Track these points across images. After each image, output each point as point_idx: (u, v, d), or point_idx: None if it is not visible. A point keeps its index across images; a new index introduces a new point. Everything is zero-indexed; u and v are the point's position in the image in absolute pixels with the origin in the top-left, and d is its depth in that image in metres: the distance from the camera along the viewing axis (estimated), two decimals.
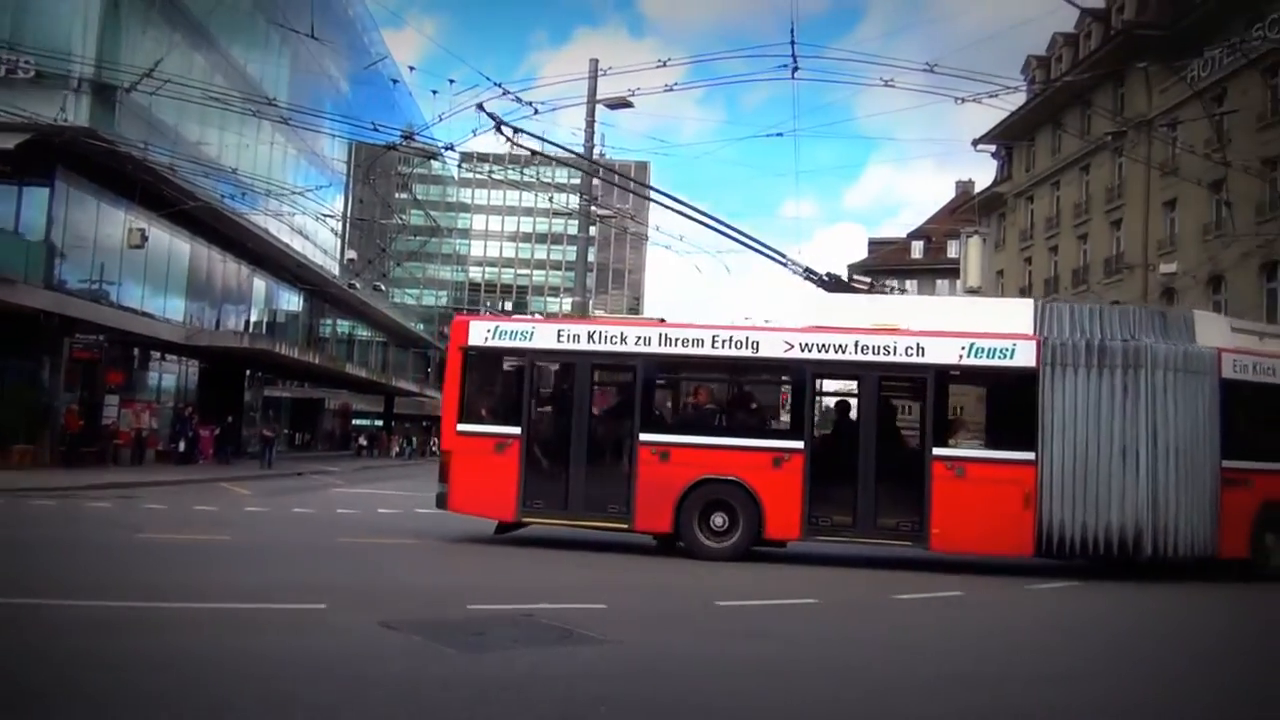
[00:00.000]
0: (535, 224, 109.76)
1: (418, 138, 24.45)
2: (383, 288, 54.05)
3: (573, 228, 74.16)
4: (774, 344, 13.18)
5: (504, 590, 9.93)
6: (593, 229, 31.75)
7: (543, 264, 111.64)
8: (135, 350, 34.01)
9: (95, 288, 30.23)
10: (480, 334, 13.89)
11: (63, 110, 25.65)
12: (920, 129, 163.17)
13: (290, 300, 49.80)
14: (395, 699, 5.60)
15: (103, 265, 30.52)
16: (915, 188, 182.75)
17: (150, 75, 21.08)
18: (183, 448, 33.30)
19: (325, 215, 37.89)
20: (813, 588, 11.00)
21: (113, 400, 30.77)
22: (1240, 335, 13.69)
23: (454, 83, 17.51)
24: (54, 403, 27.82)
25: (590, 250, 47.68)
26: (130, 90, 23.50)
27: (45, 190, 27.68)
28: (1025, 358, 12.64)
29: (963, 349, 12.76)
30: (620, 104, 20.31)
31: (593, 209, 25.66)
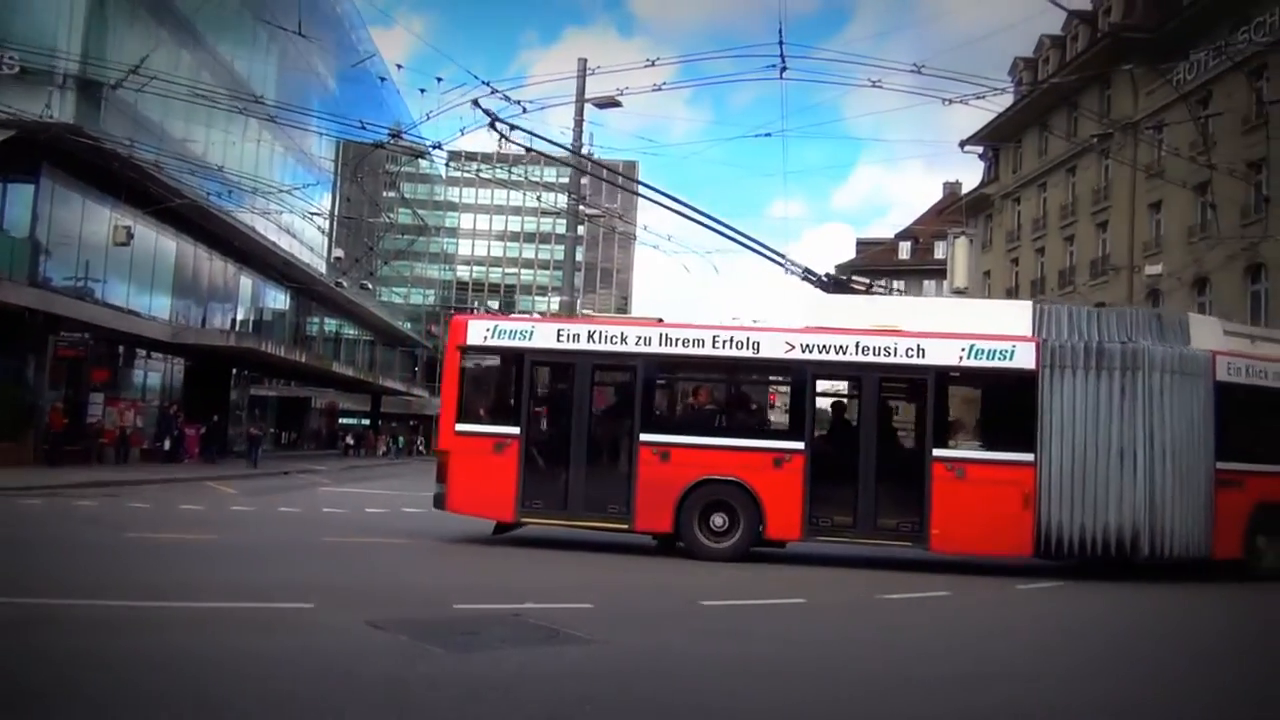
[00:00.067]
0: (523, 223, 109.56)
1: (405, 136, 24.37)
2: (370, 286, 53.85)
3: (561, 227, 74.10)
4: (775, 344, 13.17)
5: (491, 590, 9.92)
6: (581, 228, 31.75)
7: (531, 263, 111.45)
8: (120, 348, 33.84)
9: (80, 285, 30.08)
10: (479, 333, 13.83)
11: (48, 107, 25.48)
12: (908, 130, 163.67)
13: (277, 298, 49.64)
14: (382, 698, 5.59)
15: (88, 263, 30.36)
16: (904, 188, 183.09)
17: (136, 72, 20.94)
18: (168, 446, 33.18)
19: (312, 213, 37.81)
20: (801, 588, 11.02)
21: (97, 398, 30.62)
22: (1233, 338, 13.85)
23: (442, 81, 17.50)
24: (38, 401, 27.68)
25: (578, 249, 47.72)
26: (116, 87, 23.37)
27: (30, 187, 27.54)
28: (1025, 359, 12.71)
29: (963, 350, 12.81)
30: (609, 103, 20.29)
31: (581, 208, 25.66)
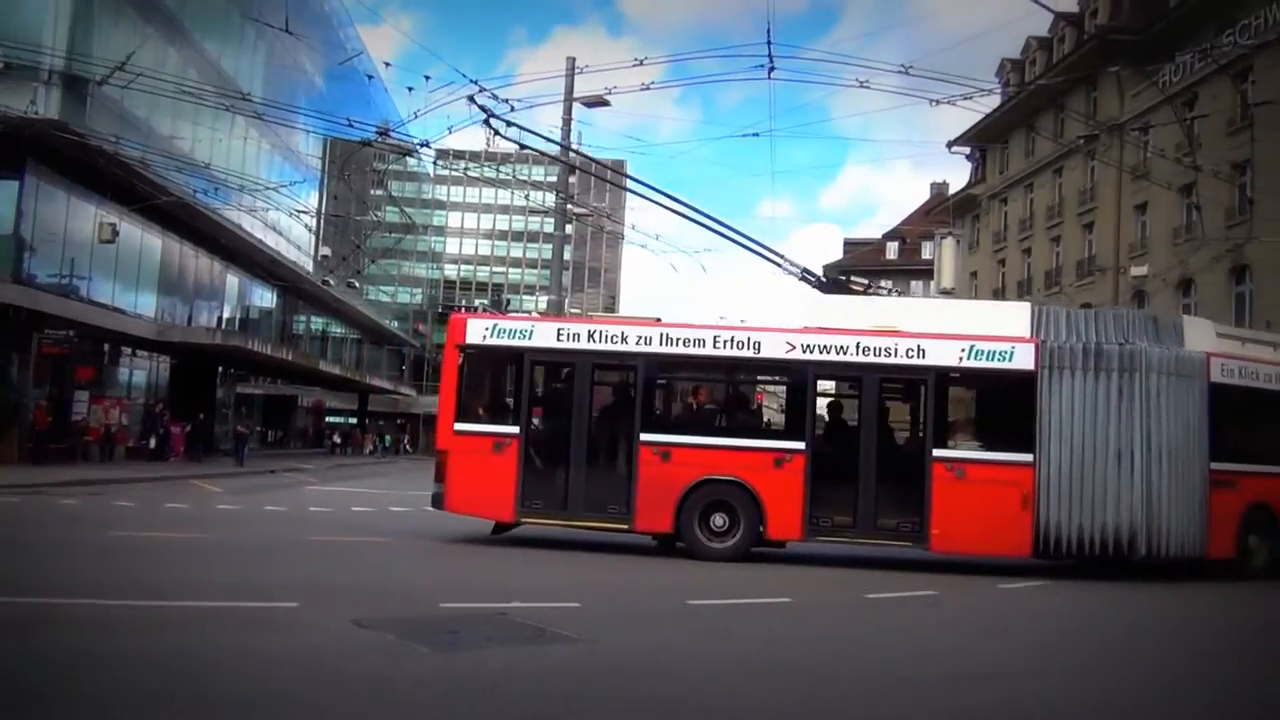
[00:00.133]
0: (511, 222, 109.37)
1: (393, 134, 24.32)
2: (357, 284, 53.71)
3: (549, 226, 74.09)
4: (775, 344, 13.16)
5: (478, 589, 9.90)
6: (569, 227, 31.72)
7: (519, 262, 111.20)
8: (106, 346, 33.67)
9: (65, 282, 29.91)
10: (478, 332, 13.71)
11: (33, 103, 25.36)
12: (896, 131, 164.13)
13: (263, 297, 49.46)
14: (368, 697, 5.58)
15: (73, 260, 30.17)
16: (892, 189, 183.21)
17: (122, 68, 20.85)
18: (153, 444, 33.05)
19: (299, 211, 37.72)
20: (789, 587, 11.04)
21: (82, 396, 30.50)
22: (1225, 340, 14.00)
23: (430, 79, 17.45)
24: (22, 399, 27.52)
25: (566, 248, 47.68)
26: (102, 83, 23.28)
27: (14, 183, 27.33)
28: (1024, 360, 12.76)
29: (963, 351, 12.85)
30: (597, 102, 20.26)
31: (569, 207, 25.62)
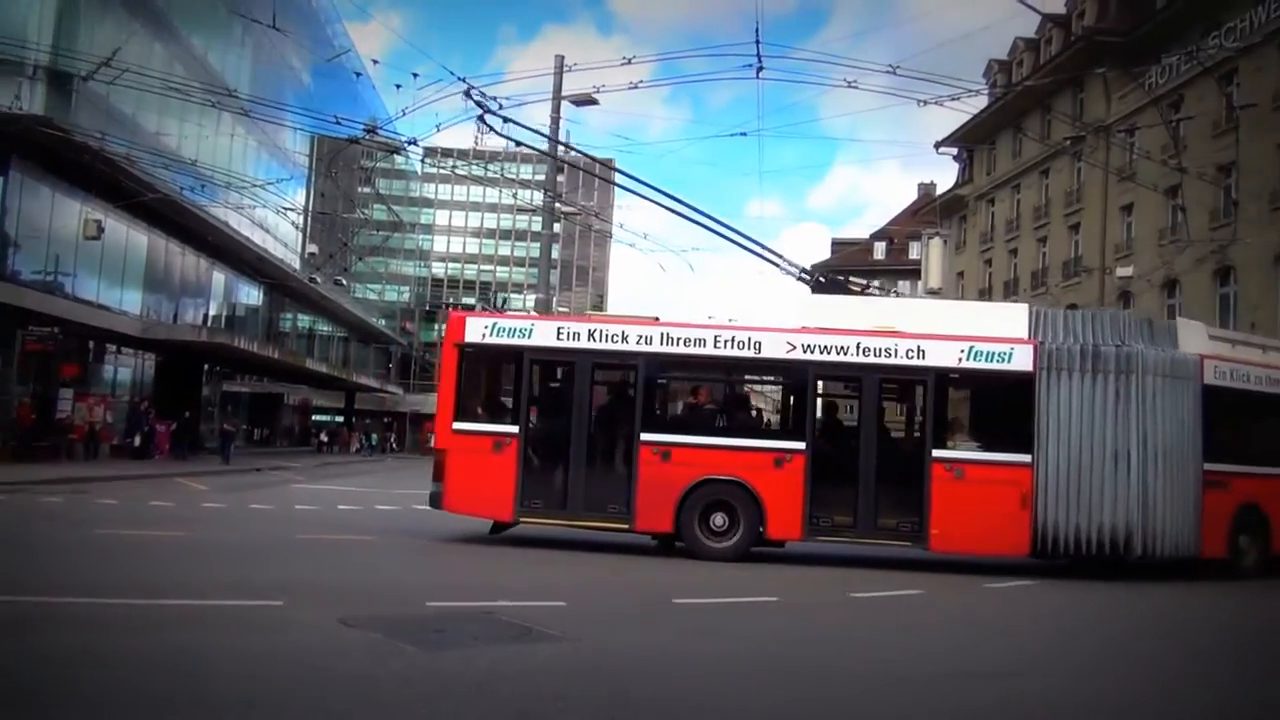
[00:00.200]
0: (499, 220, 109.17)
1: (381, 131, 24.29)
2: (344, 282, 53.59)
3: (537, 224, 73.98)
4: (776, 345, 13.16)
5: (464, 587, 9.90)
6: (557, 226, 31.69)
7: (506, 260, 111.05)
8: (90, 343, 33.45)
9: (50, 279, 29.73)
10: (477, 330, 13.60)
11: (17, 98, 25.17)
12: (884, 131, 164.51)
13: (250, 294, 49.27)
14: (354, 696, 5.56)
15: (58, 256, 30.00)
16: (880, 189, 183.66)
17: (108, 64, 20.77)
18: (138, 443, 32.87)
19: (286, 209, 37.57)
20: (776, 586, 11.06)
21: (67, 394, 30.26)
22: (1216, 342, 14.15)
23: (418, 77, 17.42)
24: (6, 396, 27.32)
25: (554, 247, 47.62)
26: (87, 79, 23.15)
27: None
28: (1022, 362, 12.84)
29: (962, 352, 12.90)
30: (586, 101, 20.27)
31: (557, 205, 25.61)
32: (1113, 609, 11.21)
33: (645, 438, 13.09)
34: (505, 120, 15.67)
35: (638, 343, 13.26)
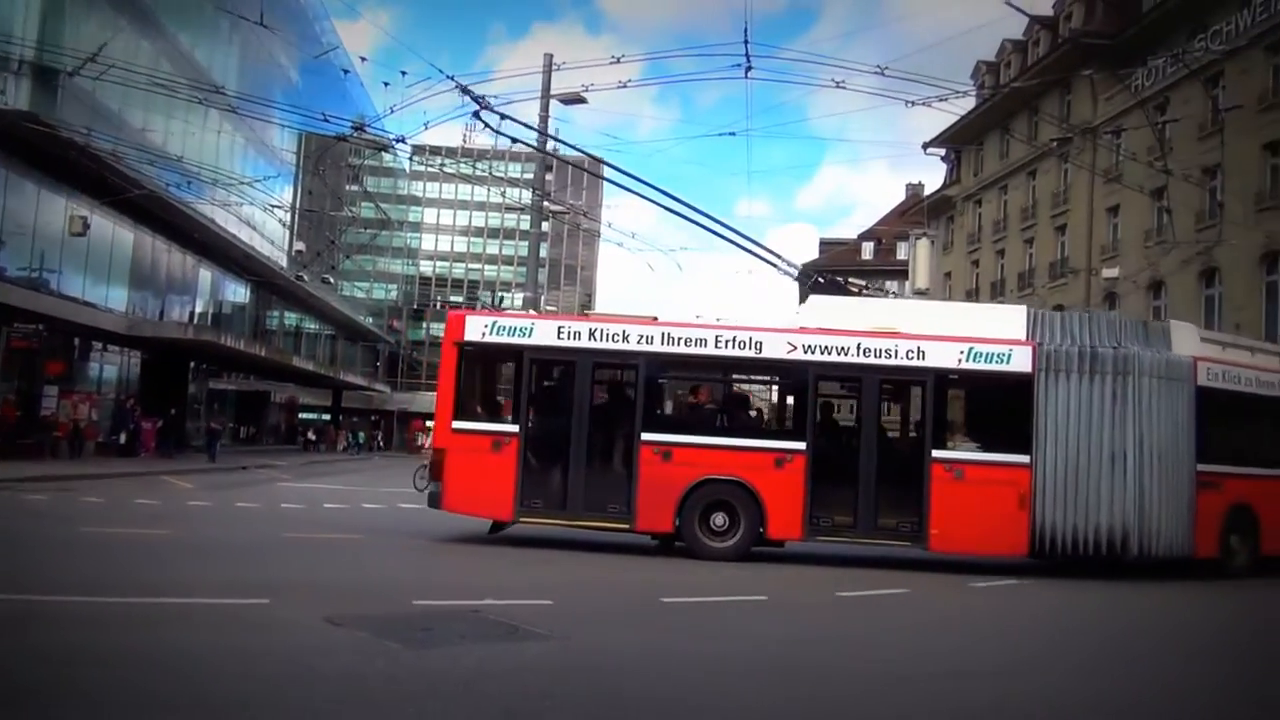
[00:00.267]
0: (487, 218, 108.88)
1: (369, 129, 24.20)
2: (331, 280, 53.42)
3: (525, 223, 73.86)
4: (777, 345, 13.19)
5: (451, 586, 9.89)
6: (545, 224, 31.67)
7: (494, 259, 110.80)
8: (76, 340, 33.28)
9: (35, 276, 29.55)
10: (477, 329, 13.56)
11: (2, 93, 25.05)
12: (873, 131, 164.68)
13: (237, 292, 49.06)
14: (341, 694, 5.56)
15: (43, 253, 29.84)
16: (868, 189, 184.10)
17: (94, 59, 20.64)
18: (123, 440, 32.71)
19: (273, 206, 37.48)
20: (765, 586, 11.07)
21: (51, 391, 30.09)
22: (1207, 344, 14.27)
23: (406, 75, 17.34)
24: None
25: (542, 245, 47.48)
26: (73, 74, 22.97)
27: None
28: (1021, 363, 12.92)
29: (961, 353, 12.97)
30: (574, 100, 20.23)
31: (545, 204, 25.58)
32: (1109, 609, 11.27)
33: (646, 437, 13.08)
34: (503, 117, 15.64)
35: (638, 342, 13.26)
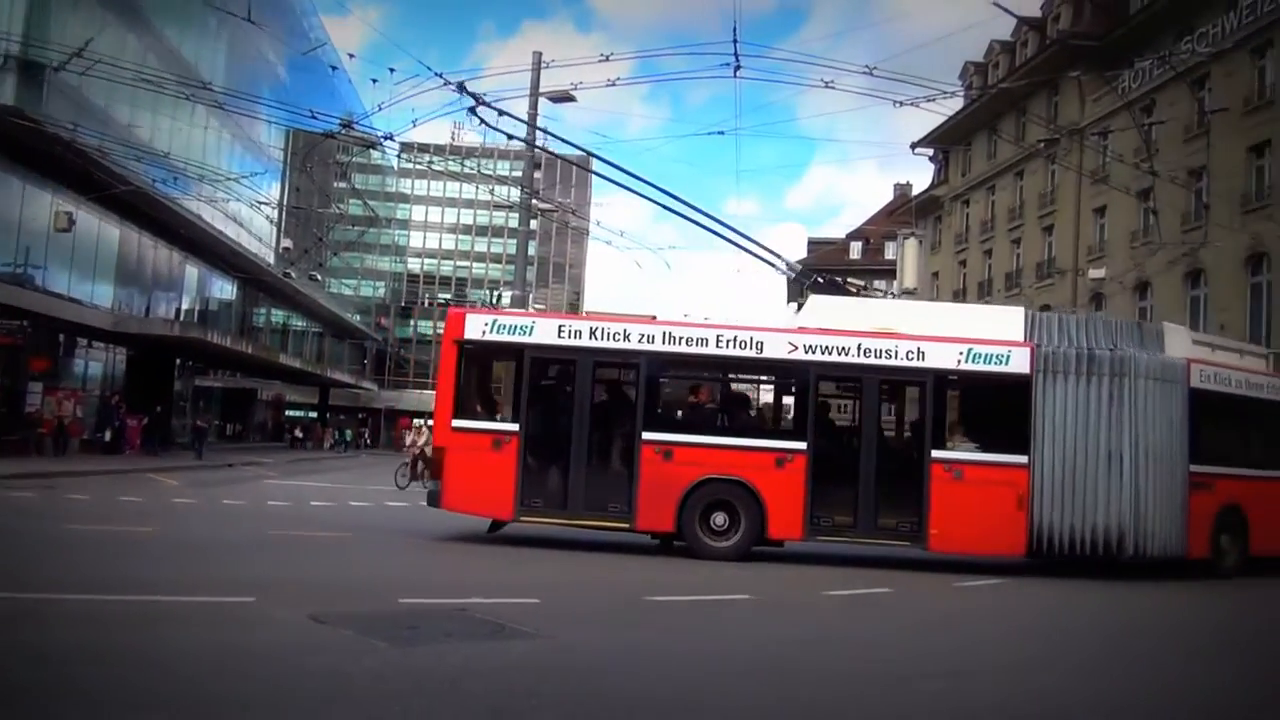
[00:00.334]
0: (475, 216, 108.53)
1: (357, 126, 24.11)
2: (319, 277, 53.22)
3: (513, 221, 73.76)
4: (777, 345, 13.21)
5: (437, 585, 9.88)
6: (534, 222, 31.62)
7: (483, 256, 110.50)
8: (60, 337, 33.04)
9: (19, 272, 29.32)
10: (477, 327, 13.53)
11: None
12: (861, 131, 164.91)
13: (223, 288, 48.88)
14: (327, 693, 5.54)
15: (28, 248, 29.62)
16: (857, 189, 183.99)
17: (80, 54, 20.52)
18: (108, 437, 32.53)
19: (261, 202, 37.24)
20: (752, 584, 11.08)
21: (36, 388, 29.89)
22: (1199, 346, 14.37)
23: (394, 72, 17.30)
24: None
25: (531, 243, 47.52)
26: (59, 69, 22.88)
27: None
28: (1020, 364, 13.00)
29: (960, 354, 13.04)
30: (563, 98, 20.21)
31: (534, 202, 25.55)
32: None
33: (647, 437, 13.07)
34: (500, 114, 15.60)
35: (639, 342, 13.26)
